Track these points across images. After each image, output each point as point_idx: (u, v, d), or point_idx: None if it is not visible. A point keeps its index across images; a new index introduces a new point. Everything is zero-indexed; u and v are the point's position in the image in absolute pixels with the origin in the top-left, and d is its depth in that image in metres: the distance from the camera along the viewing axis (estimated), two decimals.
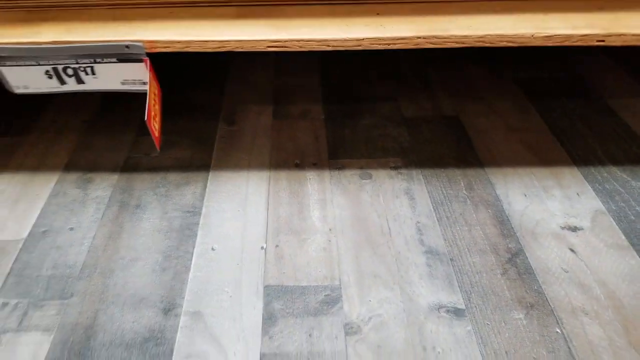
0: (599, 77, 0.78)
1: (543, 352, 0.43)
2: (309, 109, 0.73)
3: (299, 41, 0.46)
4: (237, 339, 0.45)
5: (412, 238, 0.53)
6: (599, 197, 0.57)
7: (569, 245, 0.51)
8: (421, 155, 0.64)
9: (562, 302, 0.46)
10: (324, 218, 0.56)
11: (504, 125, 0.68)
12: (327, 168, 0.63)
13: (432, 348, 0.43)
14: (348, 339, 0.44)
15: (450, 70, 0.82)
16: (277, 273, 0.51)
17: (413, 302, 0.47)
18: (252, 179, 0.62)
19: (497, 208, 0.56)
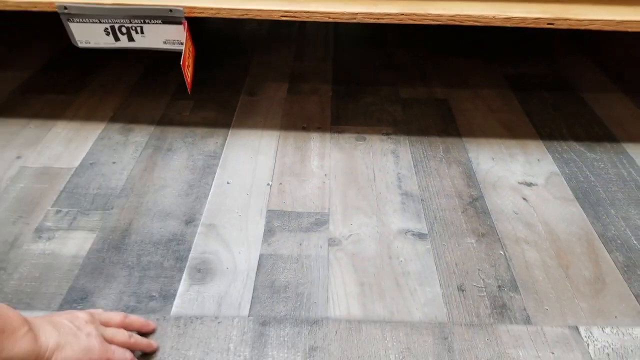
0: (578, 74, 0.91)
1: (486, 266, 0.53)
2: (319, 87, 0.87)
3: (306, 12, 0.59)
4: (242, 243, 0.57)
5: (392, 184, 0.65)
6: (556, 163, 0.68)
7: (522, 196, 0.63)
8: (410, 126, 0.77)
9: (508, 234, 0.57)
10: (322, 166, 0.69)
11: (486, 108, 0.81)
12: (328, 132, 0.76)
13: (396, 257, 0.55)
14: (330, 248, 0.56)
15: (445, 63, 0.95)
16: (279, 202, 0.63)
17: (386, 227, 0.59)
18: (264, 136, 0.75)
19: (467, 167, 0.68)
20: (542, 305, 0.50)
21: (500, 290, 0.52)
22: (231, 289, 0.53)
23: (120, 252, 0.57)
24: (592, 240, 0.57)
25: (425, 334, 0.48)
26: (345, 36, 1.09)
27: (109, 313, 0.49)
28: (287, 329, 0.48)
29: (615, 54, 0.99)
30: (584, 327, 0.48)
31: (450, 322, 0.49)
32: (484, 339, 0.47)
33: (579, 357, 0.45)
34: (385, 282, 0.53)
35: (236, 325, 0.49)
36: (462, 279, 0.53)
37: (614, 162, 0.69)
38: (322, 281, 0.53)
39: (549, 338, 0.47)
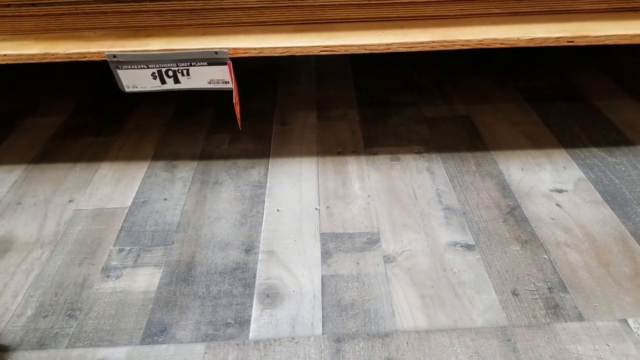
0: (588, 83, 0.97)
1: (534, 270, 0.58)
2: (346, 113, 0.92)
3: (344, 46, 0.65)
4: (303, 267, 0.62)
5: (433, 200, 0.70)
6: (581, 169, 0.74)
7: (556, 202, 0.68)
8: (439, 143, 0.82)
9: (549, 239, 0.62)
10: (363, 188, 0.73)
11: (507, 121, 0.86)
12: (363, 154, 0.81)
13: (450, 269, 0.60)
14: (386, 265, 0.61)
15: (463, 81, 1.01)
16: (330, 225, 0.68)
17: (434, 241, 0.64)
18: (304, 163, 0.80)
19: (499, 179, 0.73)
20: (591, 303, 0.55)
21: (550, 292, 0.57)
22: (301, 310, 0.57)
23: (189, 284, 0.61)
24: (626, 238, 0.63)
25: (490, 337, 0.52)
26: (361, 61, 1.15)
27: None
28: (361, 343, 0.53)
29: (622, 62, 1.06)
30: (632, 319, 0.53)
31: (511, 324, 0.53)
32: (544, 338, 0.52)
33: (632, 347, 0.50)
34: (443, 293, 0.57)
35: (313, 344, 0.53)
36: (514, 284, 0.58)
37: (633, 164, 0.75)
38: (384, 296, 0.58)
39: (602, 332, 0.52)
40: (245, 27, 0.73)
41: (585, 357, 0.50)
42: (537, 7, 0.68)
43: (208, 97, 1.03)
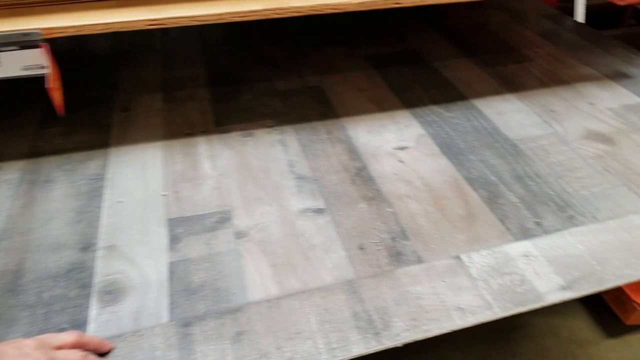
0: (428, 47, 1.06)
1: (379, 223, 0.63)
2: (195, 92, 0.91)
3: (172, 19, 0.63)
4: (148, 257, 0.60)
5: (285, 171, 0.71)
6: (422, 126, 0.80)
7: (398, 159, 0.74)
8: (291, 116, 0.84)
9: (392, 193, 0.67)
10: (214, 167, 0.73)
11: (355, 88, 0.91)
12: (214, 133, 0.80)
13: (301, 235, 0.61)
14: (238, 240, 0.61)
15: (313, 54, 1.04)
16: (178, 209, 0.66)
17: (287, 210, 0.65)
18: (148, 149, 0.77)
19: (348, 143, 0.77)
20: (429, 245, 0.60)
21: (393, 241, 0.61)
22: (146, 301, 0.55)
23: (17, 294, 0.56)
24: (460, 184, 0.69)
25: (338, 292, 0.55)
26: (211, 38, 1.12)
27: (61, 335, 0.48)
28: (210, 323, 0.52)
29: (458, 26, 1.17)
30: (464, 254, 0.59)
31: (357, 277, 0.56)
32: (388, 284, 0.55)
33: (464, 280, 0.56)
34: (295, 259, 0.59)
35: (159, 333, 0.51)
36: (361, 239, 0.61)
37: (467, 117, 0.83)
38: (236, 272, 0.57)
39: (439, 270, 0.57)
40: (61, 6, 0.68)
41: (425, 295, 0.54)
42: None
43: (38, 88, 0.94)
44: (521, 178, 0.70)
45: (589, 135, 0.79)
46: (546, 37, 1.10)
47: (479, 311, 0.53)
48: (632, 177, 0.70)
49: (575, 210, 0.65)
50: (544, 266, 0.58)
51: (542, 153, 0.75)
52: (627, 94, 0.89)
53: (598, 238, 0.61)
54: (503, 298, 0.54)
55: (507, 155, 0.75)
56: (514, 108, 0.86)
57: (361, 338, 0.51)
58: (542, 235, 0.62)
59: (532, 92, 0.90)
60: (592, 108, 0.86)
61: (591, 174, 0.71)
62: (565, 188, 0.68)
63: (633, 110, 0.85)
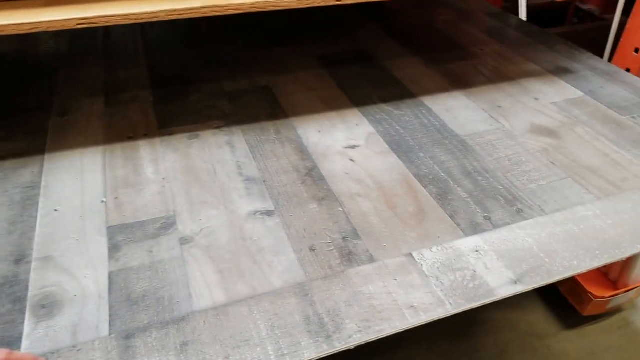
0: (378, 46, 1.06)
1: (330, 224, 0.61)
2: (137, 95, 0.87)
3: (104, 17, 0.60)
4: (86, 267, 0.56)
5: (233, 173, 0.69)
6: (372, 125, 0.80)
7: (349, 158, 0.73)
8: (240, 116, 0.82)
9: (344, 193, 0.66)
10: (157, 171, 0.70)
11: (305, 88, 0.90)
12: (157, 136, 0.77)
13: (249, 238, 0.60)
14: (183, 247, 0.58)
15: (263, 53, 1.03)
16: (118, 216, 0.63)
17: (235, 213, 0.63)
18: (87, 154, 0.73)
19: (298, 143, 0.76)
20: (381, 244, 0.59)
21: (345, 241, 0.60)
22: (85, 314, 0.52)
23: None
24: (410, 181, 0.69)
25: (288, 296, 0.53)
26: (155, 39, 1.09)
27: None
28: (153, 334, 0.50)
29: (403, 24, 1.18)
30: (416, 252, 0.58)
31: (308, 279, 0.55)
32: (339, 285, 0.54)
33: (416, 277, 0.55)
34: (243, 263, 0.57)
35: (98, 348, 0.48)
36: (312, 240, 0.60)
37: (416, 114, 0.84)
38: (180, 280, 0.55)
39: (390, 269, 0.56)
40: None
41: (377, 294, 0.54)
42: None
43: None
44: (470, 174, 0.71)
45: (534, 130, 0.81)
46: (492, 35, 1.13)
47: (431, 309, 0.53)
48: (577, 169, 0.72)
49: (523, 204, 0.66)
50: (494, 260, 0.58)
51: (490, 148, 0.76)
52: (569, 88, 0.92)
53: (546, 231, 0.62)
54: (455, 294, 0.54)
55: (456, 151, 0.75)
56: (462, 105, 0.87)
57: (312, 342, 0.49)
58: (491, 229, 0.62)
59: (479, 89, 0.92)
60: (537, 103, 0.88)
61: (538, 168, 0.73)
62: (513, 182, 0.70)
63: (576, 104, 0.87)
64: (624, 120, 0.83)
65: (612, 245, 0.60)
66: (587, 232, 0.62)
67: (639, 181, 0.70)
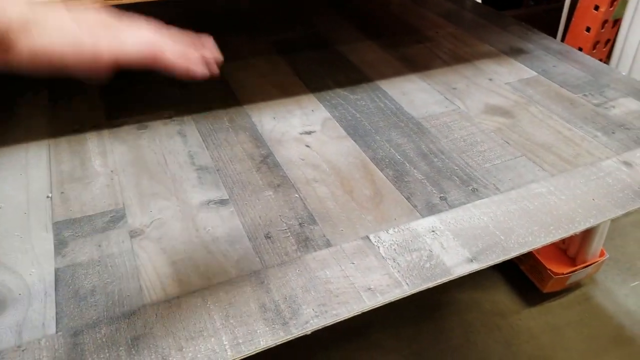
0: (333, 31, 1.06)
1: (286, 210, 0.61)
2: (84, 86, 0.84)
3: None
4: (31, 264, 0.55)
5: (185, 163, 0.68)
6: (328, 110, 0.80)
7: (305, 144, 0.73)
8: (191, 105, 0.81)
9: (300, 179, 0.66)
10: (105, 164, 0.68)
11: (259, 75, 0.89)
12: (105, 128, 0.75)
13: (203, 228, 0.59)
14: (133, 240, 0.57)
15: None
16: (65, 211, 0.61)
17: (187, 204, 0.62)
18: (31, 149, 0.71)
19: (252, 130, 0.75)
20: (338, 228, 0.59)
21: (301, 227, 0.59)
22: (30, 313, 0.50)
23: None
24: (366, 164, 0.69)
25: (243, 285, 0.52)
26: None
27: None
28: (102, 330, 0.48)
29: (360, 9, 1.17)
30: (372, 234, 0.59)
31: (264, 267, 0.54)
32: (296, 271, 0.54)
33: (373, 260, 0.56)
34: (197, 254, 0.56)
35: (44, 346, 0.47)
36: (268, 228, 0.59)
37: (372, 98, 0.84)
38: (131, 273, 0.54)
39: (347, 252, 0.56)
40: None
41: (333, 279, 0.54)
42: None
43: None
44: (426, 155, 0.72)
45: (489, 110, 0.82)
46: (447, 18, 1.14)
47: (388, 290, 0.53)
48: (531, 147, 0.74)
49: (479, 183, 0.67)
50: (450, 240, 0.59)
51: (445, 130, 0.77)
52: (523, 68, 0.94)
53: (501, 208, 0.64)
54: (412, 275, 0.55)
55: (412, 133, 0.76)
56: (418, 87, 0.88)
57: (268, 330, 0.49)
58: (447, 209, 0.63)
59: (435, 72, 0.92)
60: (491, 84, 0.89)
61: (492, 147, 0.74)
62: (469, 162, 0.71)
63: (529, 84, 0.89)
64: (576, 98, 0.85)
65: (565, 220, 0.62)
66: (542, 208, 0.64)
67: (590, 157, 0.72)
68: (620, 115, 0.81)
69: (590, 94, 0.86)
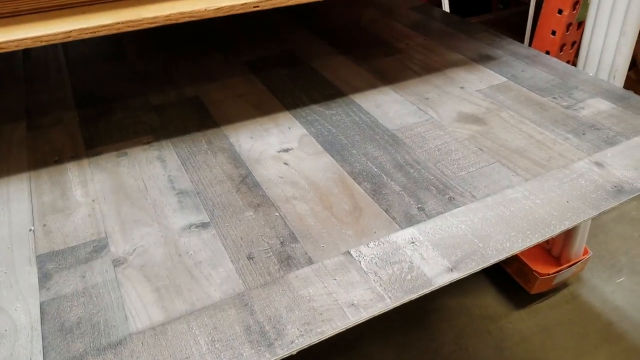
0: (306, 48, 1.08)
1: (267, 229, 0.62)
2: (62, 116, 0.86)
3: (14, 41, 0.58)
4: (16, 300, 0.55)
5: (165, 187, 0.69)
6: (304, 126, 0.82)
7: (283, 161, 0.74)
8: (169, 130, 0.82)
9: (279, 197, 0.68)
10: (87, 193, 0.69)
11: (234, 95, 0.91)
12: (85, 157, 0.76)
13: (185, 253, 0.60)
14: (117, 269, 0.58)
15: (189, 64, 1.03)
16: (48, 244, 0.62)
17: (168, 229, 0.63)
18: (12, 182, 0.71)
19: (231, 151, 0.77)
20: (319, 245, 0.61)
21: (283, 246, 0.61)
22: (17, 348, 0.50)
23: None
24: (344, 179, 0.71)
25: (227, 308, 0.54)
26: (78, 57, 1.06)
27: None
28: None
29: (331, 24, 1.20)
30: (353, 249, 0.60)
31: (247, 288, 0.56)
32: (279, 291, 0.55)
33: (355, 274, 0.57)
34: (180, 279, 0.57)
35: None
36: (250, 248, 0.61)
37: (347, 112, 0.86)
38: (116, 303, 0.54)
39: (329, 269, 0.58)
40: None
41: (317, 296, 0.55)
42: None
43: None
44: (402, 167, 0.74)
45: (461, 118, 0.84)
46: (415, 29, 1.17)
47: (371, 305, 0.55)
48: (504, 153, 0.76)
49: (455, 192, 0.69)
50: (429, 250, 0.61)
51: (419, 140, 0.79)
52: (493, 74, 0.97)
53: (478, 216, 0.66)
54: (394, 288, 0.56)
55: (388, 145, 0.78)
56: (391, 99, 0.90)
57: (254, 352, 0.50)
58: (425, 220, 0.65)
59: (407, 83, 0.95)
60: (462, 92, 0.92)
61: (467, 155, 0.76)
62: (444, 171, 0.73)
63: (499, 90, 0.92)
64: (546, 101, 0.88)
65: (541, 224, 0.64)
66: (518, 213, 0.66)
67: (563, 159, 0.75)
68: (589, 116, 0.84)
69: (560, 97, 0.89)
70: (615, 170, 0.72)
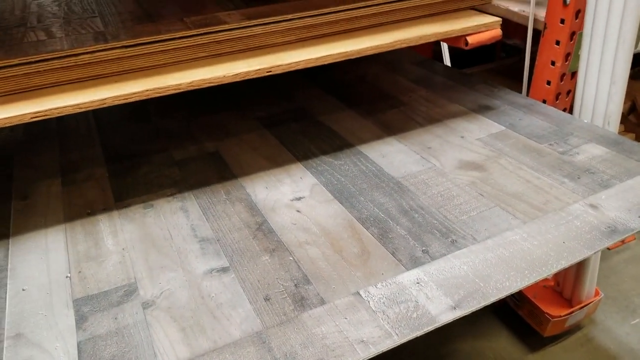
0: (315, 104, 1.18)
1: (282, 273, 0.69)
2: (93, 172, 0.94)
3: (57, 109, 0.67)
4: (56, 339, 0.61)
5: (188, 235, 0.76)
6: (314, 176, 0.90)
7: (296, 209, 0.82)
8: (190, 182, 0.90)
9: (293, 242, 0.74)
10: (117, 243, 0.76)
11: (250, 148, 1.00)
12: (114, 209, 0.83)
13: (208, 295, 0.66)
14: (145, 311, 0.64)
15: (208, 121, 1.12)
16: (83, 289, 0.68)
17: (192, 273, 0.70)
18: (50, 234, 0.79)
19: (247, 201, 0.84)
20: (330, 286, 0.67)
21: (297, 287, 0.67)
22: None
23: None
24: (353, 224, 0.78)
25: (247, 345, 0.59)
26: (106, 118, 1.17)
27: None
28: None
29: (339, 80, 1.30)
30: (362, 290, 0.66)
31: (265, 327, 0.61)
32: (294, 329, 0.61)
33: (364, 313, 0.63)
34: (203, 319, 0.63)
35: None
36: (266, 290, 0.67)
37: (354, 162, 0.94)
38: (145, 342, 0.60)
39: (340, 308, 0.63)
40: None
41: (329, 334, 0.60)
42: (236, 47, 0.81)
43: None
44: (407, 212, 0.80)
45: (462, 166, 0.91)
46: (418, 83, 1.26)
47: (379, 341, 0.60)
48: (504, 197, 0.82)
49: (457, 235, 0.75)
50: (434, 290, 0.66)
51: (423, 187, 0.86)
52: (491, 124, 1.04)
53: (479, 257, 0.71)
54: (400, 325, 0.61)
55: (393, 192, 0.85)
56: (395, 149, 0.97)
57: None
58: (430, 261, 0.71)
59: (410, 133, 1.03)
60: (463, 140, 0.99)
61: (468, 200, 0.82)
62: (447, 215, 0.79)
63: (498, 138, 0.99)
64: (542, 147, 0.94)
65: (539, 264, 0.69)
66: (516, 254, 0.71)
67: (559, 202, 0.80)
68: (584, 161, 0.90)
69: (556, 143, 0.96)
70: (609, 212, 0.77)
